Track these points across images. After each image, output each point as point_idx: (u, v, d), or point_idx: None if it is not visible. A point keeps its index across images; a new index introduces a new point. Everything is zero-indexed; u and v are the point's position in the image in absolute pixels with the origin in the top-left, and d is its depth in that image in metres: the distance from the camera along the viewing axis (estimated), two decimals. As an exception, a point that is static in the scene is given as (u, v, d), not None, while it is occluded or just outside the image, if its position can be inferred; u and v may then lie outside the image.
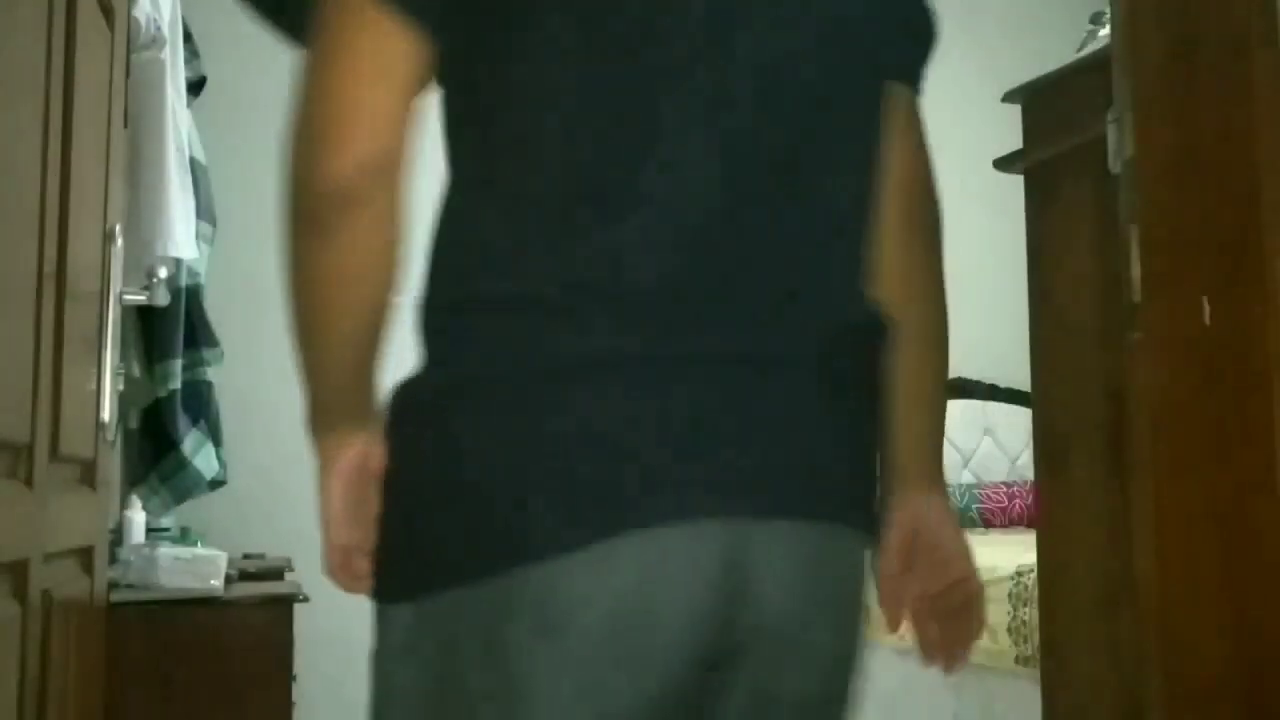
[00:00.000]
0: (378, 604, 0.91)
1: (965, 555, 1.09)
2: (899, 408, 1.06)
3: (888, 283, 1.05)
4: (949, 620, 1.09)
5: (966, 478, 4.84)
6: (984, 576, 3.77)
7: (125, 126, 1.98)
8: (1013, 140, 2.16)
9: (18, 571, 1.27)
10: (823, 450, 0.91)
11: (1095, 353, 1.91)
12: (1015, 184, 2.16)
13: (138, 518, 2.87)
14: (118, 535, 2.79)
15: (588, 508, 0.82)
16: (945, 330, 1.13)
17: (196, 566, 2.50)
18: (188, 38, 2.73)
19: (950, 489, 3.81)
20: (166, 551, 2.55)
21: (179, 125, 2.55)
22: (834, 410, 0.93)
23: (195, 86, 2.89)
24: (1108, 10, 1.68)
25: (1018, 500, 4.64)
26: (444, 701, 0.85)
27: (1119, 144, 1.50)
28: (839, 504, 0.93)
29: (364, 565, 0.92)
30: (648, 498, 0.82)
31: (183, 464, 2.77)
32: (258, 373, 3.99)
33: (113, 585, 2.32)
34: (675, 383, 0.85)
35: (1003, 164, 2.17)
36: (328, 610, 3.39)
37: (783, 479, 0.88)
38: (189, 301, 2.77)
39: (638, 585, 0.82)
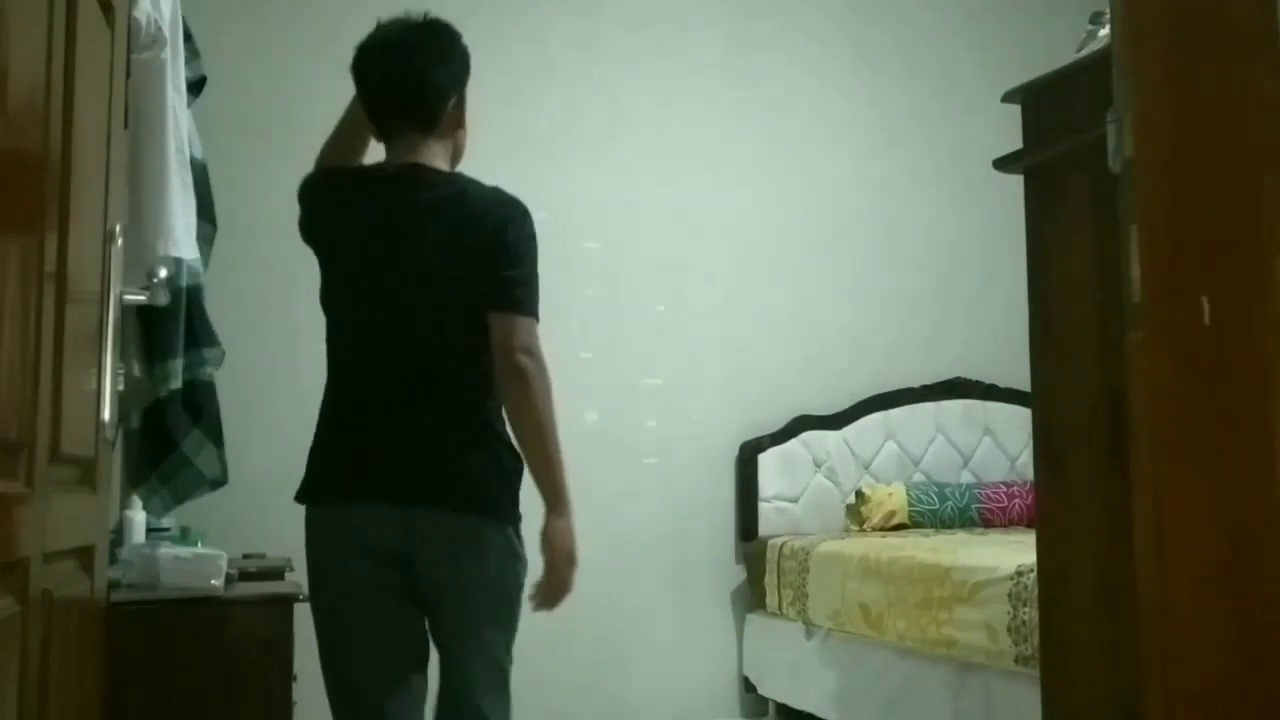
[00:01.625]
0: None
1: (559, 553, 2.22)
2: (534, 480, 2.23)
3: (511, 416, 2.22)
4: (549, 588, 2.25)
5: (966, 478, 4.85)
6: (984, 576, 3.75)
7: (125, 126, 1.98)
8: (1013, 140, 2.16)
9: (18, 571, 1.27)
10: (457, 480, 2.16)
11: (1095, 352, 1.91)
12: (1015, 184, 2.16)
13: (138, 518, 2.87)
14: (118, 535, 2.79)
15: (351, 490, 2.19)
16: (538, 438, 2.19)
17: (196, 566, 2.50)
18: (188, 38, 2.73)
19: (950, 489, 4.04)
20: (166, 551, 2.55)
21: (179, 125, 2.55)
22: (465, 461, 2.17)
23: (195, 86, 2.89)
24: (1108, 10, 1.68)
25: (1018, 500, 4.64)
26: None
27: (1119, 144, 1.50)
28: (471, 498, 2.16)
29: None
30: (388, 488, 2.16)
31: (183, 464, 2.77)
32: (258, 373, 3.99)
33: (113, 585, 2.32)
34: (383, 443, 2.19)
35: (1003, 164, 2.17)
36: (328, 610, 3.37)
37: (417, 488, 2.15)
38: (189, 301, 2.77)
39: (363, 520, 2.16)
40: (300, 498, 2.25)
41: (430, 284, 2.19)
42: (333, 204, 2.31)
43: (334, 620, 2.19)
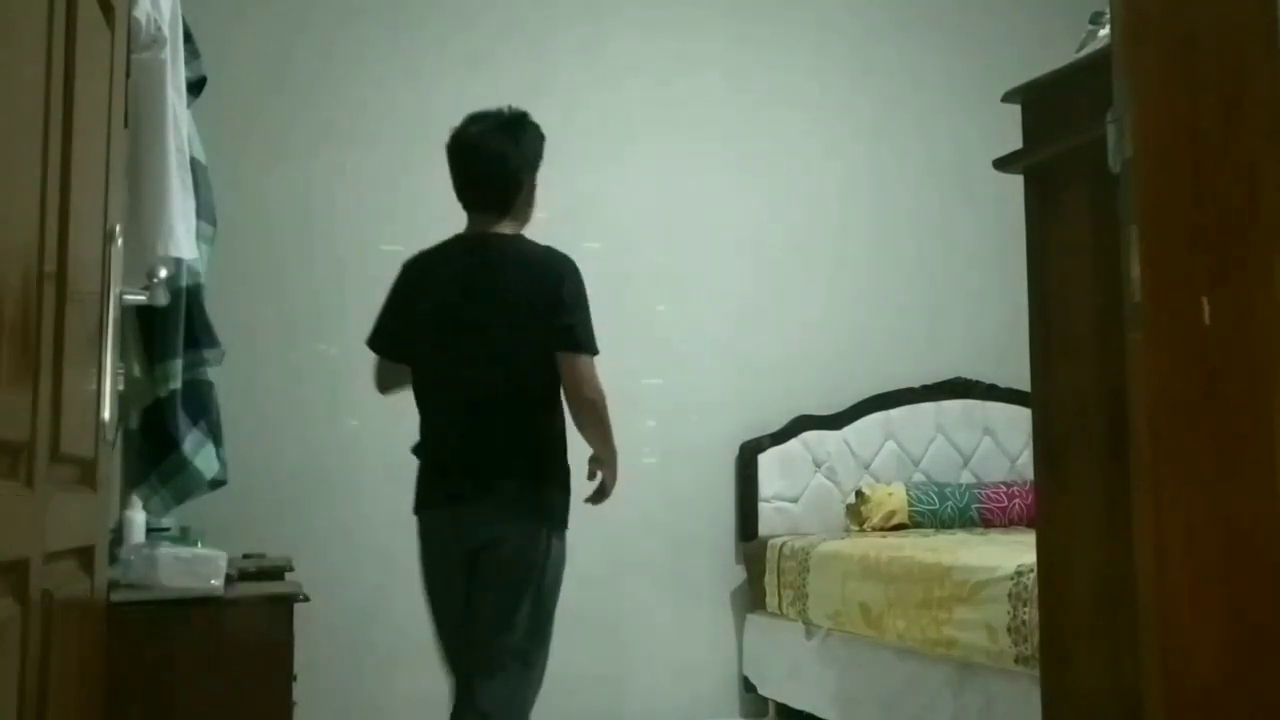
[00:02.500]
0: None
1: (609, 474, 2.91)
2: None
3: (579, 427, 2.85)
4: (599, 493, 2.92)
5: (966, 478, 4.85)
6: (984, 576, 3.74)
7: (125, 126, 1.98)
8: (1013, 140, 2.16)
9: (18, 571, 1.27)
10: (516, 491, 2.76)
11: (1095, 352, 1.91)
12: (1015, 184, 2.16)
13: (138, 518, 2.86)
14: (118, 535, 2.79)
15: (436, 499, 2.85)
16: (602, 441, 2.87)
17: (196, 566, 2.50)
18: (188, 38, 2.72)
19: (950, 488, 4.15)
20: (166, 551, 2.55)
21: (179, 125, 2.54)
22: (527, 477, 2.78)
23: (195, 86, 2.89)
24: (1108, 10, 1.68)
25: (1018, 500, 4.64)
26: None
27: (1119, 144, 1.50)
28: (524, 507, 2.76)
29: None
30: (451, 496, 2.80)
31: (183, 464, 2.76)
32: (258, 373, 4.00)
33: (113, 585, 2.31)
34: (452, 467, 2.83)
35: (1003, 164, 2.16)
36: (328, 610, 3.37)
37: (486, 498, 2.76)
38: (189, 301, 2.77)
39: (447, 519, 2.81)
40: (415, 510, 2.88)
41: (498, 333, 2.76)
42: (419, 277, 2.90)
43: (431, 581, 2.88)
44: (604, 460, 2.90)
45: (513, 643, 2.73)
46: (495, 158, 2.83)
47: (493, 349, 2.76)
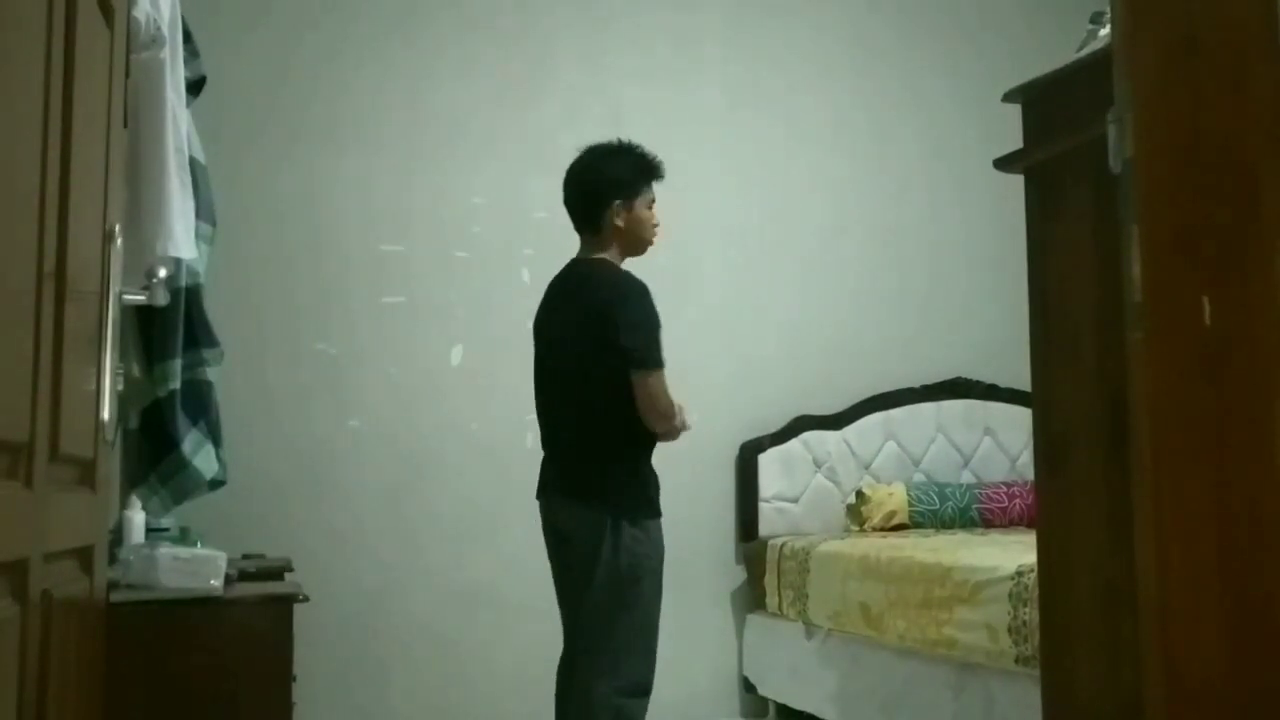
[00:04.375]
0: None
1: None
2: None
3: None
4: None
5: (967, 477, 4.84)
6: (984, 576, 3.74)
7: (125, 126, 1.98)
8: (1013, 140, 2.15)
9: (18, 571, 1.27)
10: (581, 481, 2.98)
11: (1095, 352, 1.91)
12: (1015, 184, 2.16)
13: (138, 518, 2.86)
14: (118, 535, 2.78)
15: (541, 489, 3.14)
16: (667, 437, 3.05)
17: (196, 566, 2.50)
18: (188, 38, 2.72)
19: (951, 489, 4.23)
20: (166, 551, 2.55)
21: (179, 125, 2.54)
22: (587, 467, 3.00)
23: (195, 86, 2.89)
24: (1108, 10, 1.68)
25: (1018, 500, 4.64)
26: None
27: (1119, 144, 1.50)
28: (588, 495, 2.94)
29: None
30: (545, 487, 3.10)
31: (183, 464, 2.76)
32: (258, 373, 4.00)
33: (112, 585, 2.31)
34: (547, 462, 3.11)
35: (1003, 164, 2.16)
36: (328, 610, 3.37)
37: (561, 487, 3.03)
38: (189, 301, 2.76)
39: (545, 505, 3.10)
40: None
41: (567, 348, 3.00)
42: (545, 296, 3.16)
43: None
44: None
45: (584, 627, 2.93)
46: (572, 183, 3.06)
47: (561, 363, 3.01)
